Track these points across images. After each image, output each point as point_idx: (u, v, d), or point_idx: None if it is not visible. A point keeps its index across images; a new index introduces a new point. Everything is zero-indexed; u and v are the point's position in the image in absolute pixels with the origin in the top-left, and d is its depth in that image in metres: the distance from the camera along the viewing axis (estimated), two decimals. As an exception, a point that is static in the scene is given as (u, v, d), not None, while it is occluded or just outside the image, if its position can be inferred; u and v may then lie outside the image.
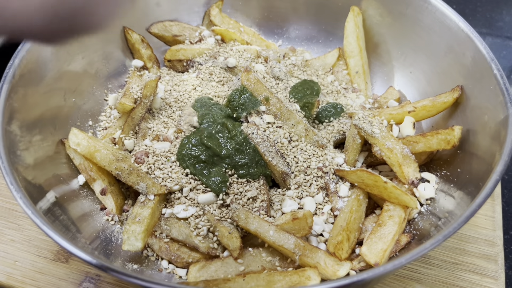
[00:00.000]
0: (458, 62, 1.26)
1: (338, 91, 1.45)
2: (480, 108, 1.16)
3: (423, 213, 1.16)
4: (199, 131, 1.22)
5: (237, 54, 1.45)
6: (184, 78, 1.43)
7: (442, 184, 1.20)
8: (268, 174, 1.20)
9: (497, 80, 1.11)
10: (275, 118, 1.26)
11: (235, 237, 1.07)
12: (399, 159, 1.17)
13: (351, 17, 1.46)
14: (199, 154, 1.16)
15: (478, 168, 1.07)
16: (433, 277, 1.17)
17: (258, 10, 1.66)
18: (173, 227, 1.12)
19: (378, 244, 1.04)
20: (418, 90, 1.43)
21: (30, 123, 1.13)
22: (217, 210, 1.12)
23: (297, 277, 1.00)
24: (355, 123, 1.24)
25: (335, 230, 1.12)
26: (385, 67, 1.52)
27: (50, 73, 1.23)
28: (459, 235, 1.24)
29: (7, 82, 1.07)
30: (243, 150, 1.18)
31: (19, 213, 1.26)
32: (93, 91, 1.40)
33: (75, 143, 1.17)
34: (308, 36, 1.66)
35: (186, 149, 1.17)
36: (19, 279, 1.14)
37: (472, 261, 1.19)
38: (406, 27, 1.42)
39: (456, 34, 1.26)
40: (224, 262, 1.07)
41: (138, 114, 1.27)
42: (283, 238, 1.04)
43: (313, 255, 1.03)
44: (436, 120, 1.33)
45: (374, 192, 1.14)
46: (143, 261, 1.13)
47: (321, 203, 1.18)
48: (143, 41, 1.50)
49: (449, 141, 1.16)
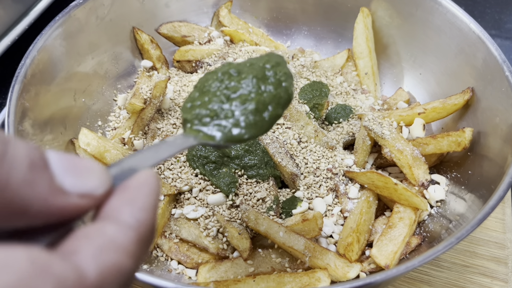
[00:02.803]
0: (469, 63, 1.25)
1: (347, 93, 1.44)
2: (491, 110, 1.15)
3: (433, 215, 1.16)
4: (208, 131, 1.22)
5: (246, 55, 1.45)
6: (193, 78, 1.43)
7: (452, 186, 1.19)
8: (278, 175, 1.19)
9: (509, 82, 1.10)
10: (284, 119, 1.26)
11: (244, 238, 1.07)
12: (409, 161, 1.17)
13: (360, 18, 1.46)
14: (208, 155, 1.16)
15: (490, 170, 1.07)
16: (443, 279, 1.16)
17: (267, 11, 1.66)
18: (182, 228, 1.12)
19: (389, 246, 1.04)
20: (427, 92, 1.43)
21: (41, 123, 1.13)
22: (226, 211, 1.12)
23: (307, 279, 1.00)
24: (365, 125, 1.24)
25: (345, 232, 1.11)
26: (394, 68, 1.52)
27: (61, 73, 1.23)
28: (469, 238, 1.24)
29: (18, 82, 1.07)
30: (253, 151, 1.18)
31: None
32: (102, 92, 1.41)
33: (85, 143, 1.17)
34: (317, 37, 1.65)
35: (196, 150, 1.17)
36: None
37: (482, 264, 1.19)
38: (416, 29, 1.41)
39: (467, 36, 1.25)
40: (234, 263, 1.06)
41: (148, 115, 1.28)
42: (293, 239, 1.04)
43: (323, 256, 1.03)
44: (446, 122, 1.32)
45: (384, 193, 1.14)
46: (152, 262, 1.13)
47: (330, 205, 1.18)
48: (152, 42, 1.50)
49: (460, 143, 1.16)
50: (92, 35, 1.34)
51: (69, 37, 1.26)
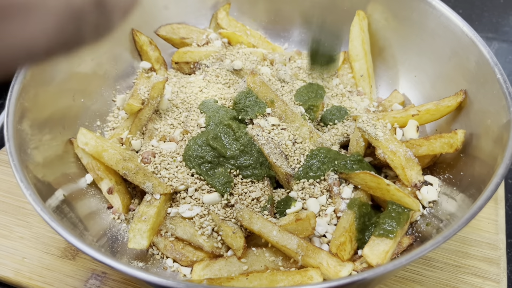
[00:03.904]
0: (462, 66, 1.27)
1: (343, 94, 1.46)
2: (483, 112, 1.17)
3: (426, 215, 1.17)
4: (205, 132, 1.24)
5: (243, 56, 1.47)
6: (191, 80, 1.45)
7: (445, 187, 1.21)
8: (272, 175, 1.21)
9: (500, 85, 1.12)
10: (280, 120, 1.28)
11: (239, 236, 1.08)
12: (402, 162, 1.18)
13: (356, 21, 1.48)
14: (204, 155, 1.18)
15: (481, 171, 1.08)
16: (435, 279, 1.17)
17: (265, 13, 1.68)
18: (178, 226, 1.14)
19: (380, 246, 1.05)
20: (422, 94, 1.44)
21: (40, 123, 1.15)
22: (221, 210, 1.14)
23: (300, 277, 1.01)
24: (359, 126, 1.25)
25: (338, 232, 1.13)
26: (390, 70, 1.54)
27: (60, 74, 1.25)
28: (462, 238, 1.25)
29: (18, 82, 1.10)
30: (248, 152, 1.20)
31: (28, 211, 1.28)
32: (101, 92, 1.43)
33: (83, 143, 1.19)
34: (314, 39, 1.67)
35: (192, 150, 1.19)
36: (26, 275, 1.16)
37: (475, 264, 1.20)
38: (411, 32, 1.43)
39: (460, 39, 1.27)
40: (228, 261, 1.08)
41: (145, 115, 1.30)
42: (286, 238, 1.05)
43: (316, 255, 1.04)
44: (440, 123, 1.34)
45: (377, 194, 1.16)
46: (148, 259, 1.15)
47: (324, 205, 1.20)
48: (151, 43, 1.52)
49: (452, 144, 1.17)
50: (91, 36, 1.36)
51: (69, 38, 1.28)
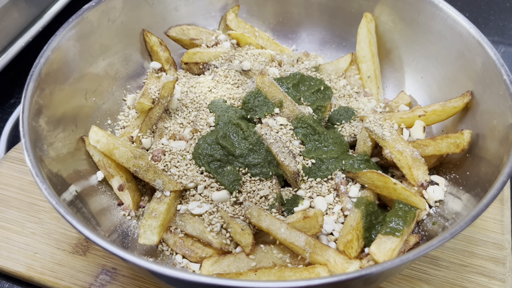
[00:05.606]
0: (469, 67, 1.28)
1: (350, 95, 1.48)
2: (490, 113, 1.18)
3: (432, 215, 1.18)
4: (214, 131, 1.26)
5: (252, 57, 1.49)
6: (200, 80, 1.47)
7: (451, 187, 1.22)
8: (280, 173, 1.23)
9: (507, 86, 1.13)
10: (288, 120, 1.30)
11: (247, 233, 1.10)
12: (408, 162, 1.20)
13: (364, 23, 1.50)
14: (214, 153, 1.20)
15: (486, 171, 1.09)
16: (441, 278, 1.18)
17: (273, 15, 1.70)
18: (187, 223, 1.15)
19: (387, 244, 1.06)
20: (428, 95, 1.46)
21: (55, 120, 1.18)
22: (230, 208, 1.16)
23: (307, 274, 1.03)
24: (366, 126, 1.27)
25: (345, 230, 1.14)
26: (396, 72, 1.55)
27: (73, 73, 1.28)
28: (468, 238, 1.26)
29: (33, 80, 1.12)
30: (256, 150, 1.22)
31: (39, 207, 1.30)
32: (112, 92, 1.45)
33: (95, 140, 1.21)
34: (321, 41, 1.69)
35: (202, 148, 1.21)
36: (38, 271, 1.18)
37: (480, 264, 1.21)
38: (418, 34, 1.45)
39: (466, 40, 1.28)
40: (237, 258, 1.10)
41: (156, 114, 1.32)
42: (294, 235, 1.07)
43: (323, 253, 1.06)
44: (446, 124, 1.35)
45: (384, 193, 1.17)
46: (158, 255, 1.17)
47: (331, 203, 1.21)
48: (161, 44, 1.54)
49: (459, 144, 1.19)
50: (103, 37, 1.39)
51: (82, 38, 1.31)
